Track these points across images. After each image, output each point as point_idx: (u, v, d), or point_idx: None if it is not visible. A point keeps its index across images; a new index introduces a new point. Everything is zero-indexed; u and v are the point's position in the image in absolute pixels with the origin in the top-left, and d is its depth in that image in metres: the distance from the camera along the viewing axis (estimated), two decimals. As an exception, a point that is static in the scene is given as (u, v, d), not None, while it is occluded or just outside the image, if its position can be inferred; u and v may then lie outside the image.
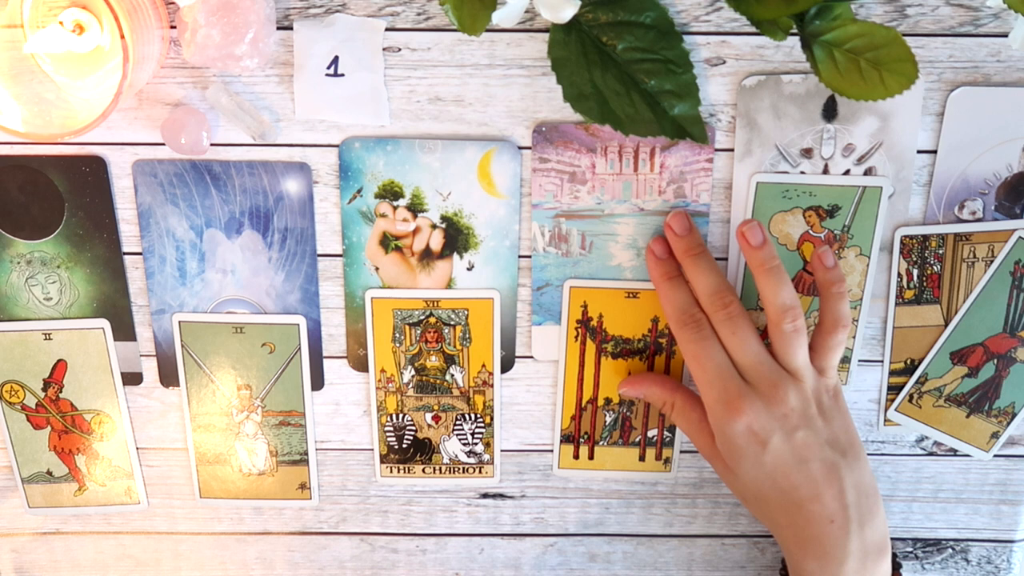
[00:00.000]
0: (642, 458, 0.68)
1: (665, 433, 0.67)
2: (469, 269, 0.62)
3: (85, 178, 0.59)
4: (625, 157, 0.59)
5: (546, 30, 0.55)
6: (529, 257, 0.62)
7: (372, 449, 0.67)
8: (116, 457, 0.67)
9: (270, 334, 0.63)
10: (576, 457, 0.68)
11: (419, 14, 0.56)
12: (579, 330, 0.64)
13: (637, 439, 0.67)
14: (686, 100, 0.55)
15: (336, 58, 0.56)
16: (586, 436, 0.67)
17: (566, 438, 0.67)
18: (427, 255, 0.61)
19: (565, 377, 0.65)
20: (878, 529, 0.58)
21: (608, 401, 0.66)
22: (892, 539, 0.71)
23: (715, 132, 0.58)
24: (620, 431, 0.67)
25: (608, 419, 0.66)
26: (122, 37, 0.48)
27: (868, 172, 0.59)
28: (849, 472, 0.57)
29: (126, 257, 0.62)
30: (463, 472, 0.68)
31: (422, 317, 0.63)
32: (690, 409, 0.61)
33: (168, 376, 0.65)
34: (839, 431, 0.58)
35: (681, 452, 0.67)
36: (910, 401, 0.66)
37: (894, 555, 0.63)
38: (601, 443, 0.67)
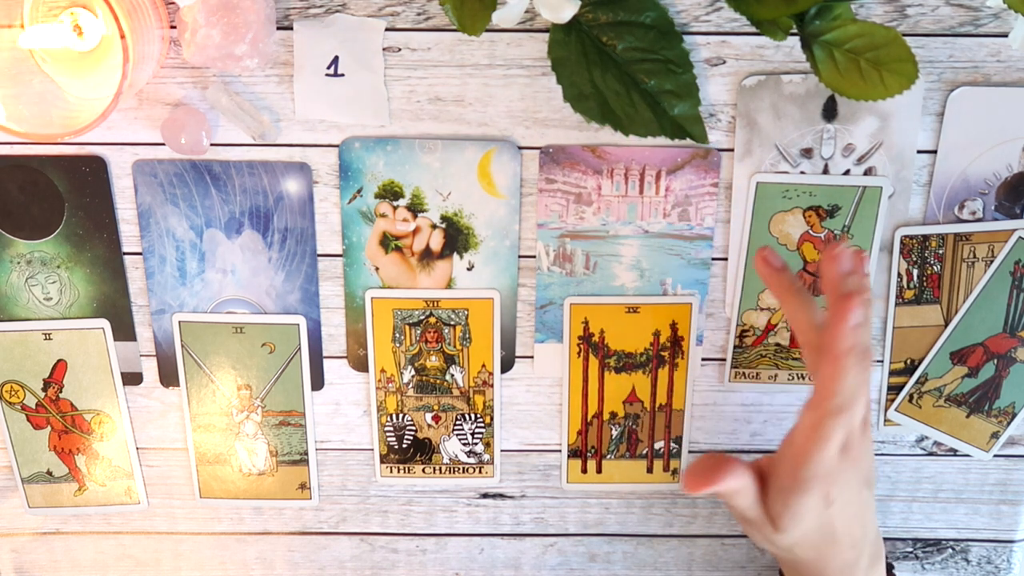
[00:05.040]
0: (650, 470, 0.68)
1: (672, 444, 0.67)
2: (469, 269, 0.62)
3: (85, 178, 0.59)
4: (631, 179, 0.59)
5: (546, 30, 0.55)
6: (530, 257, 0.62)
7: (372, 449, 0.67)
8: (116, 457, 0.67)
9: (270, 334, 0.63)
10: (584, 471, 0.68)
11: (419, 14, 0.56)
12: (581, 346, 0.64)
13: (644, 451, 0.67)
14: (686, 100, 0.55)
15: (336, 58, 0.56)
16: (593, 450, 0.67)
17: (573, 453, 0.67)
18: (427, 255, 0.61)
19: (569, 393, 0.65)
20: (877, 533, 0.58)
21: (613, 415, 0.66)
22: (892, 539, 0.71)
23: (720, 158, 0.59)
24: (627, 444, 0.67)
25: (614, 433, 0.66)
26: (122, 37, 0.48)
27: (868, 172, 0.59)
28: (872, 500, 0.56)
29: (126, 257, 0.62)
30: (463, 472, 0.68)
31: (422, 317, 0.63)
32: (756, 484, 0.54)
33: (168, 376, 0.65)
34: (869, 462, 0.55)
35: (690, 452, 0.67)
36: (910, 401, 0.66)
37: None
38: (608, 456, 0.67)
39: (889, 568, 0.64)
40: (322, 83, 0.57)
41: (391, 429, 0.66)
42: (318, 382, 0.65)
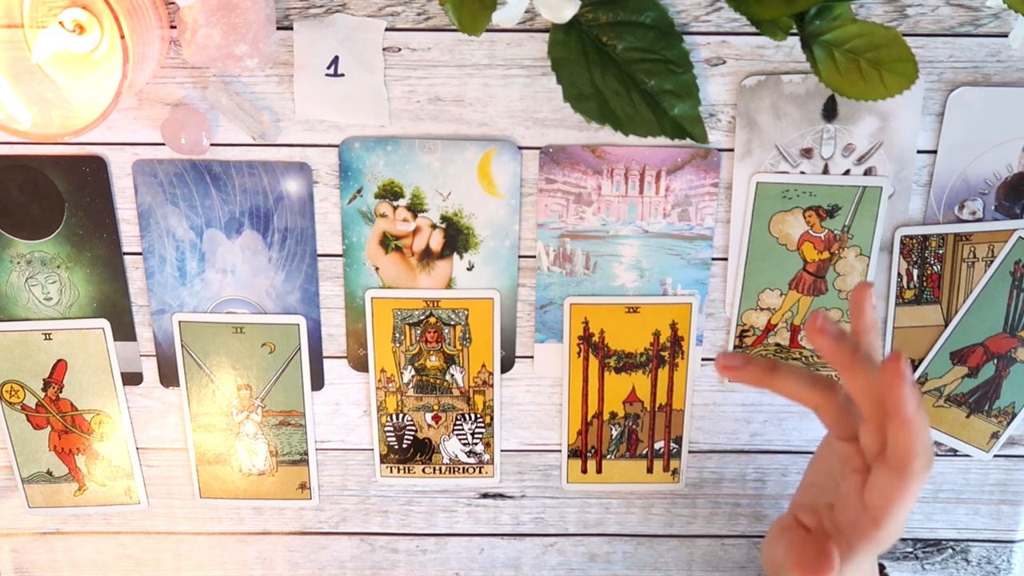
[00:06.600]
0: (650, 470, 0.68)
1: (672, 444, 0.67)
2: (469, 269, 0.62)
3: (85, 178, 0.59)
4: (631, 179, 0.59)
5: (546, 30, 0.55)
6: (530, 257, 0.62)
7: (372, 449, 0.67)
8: (116, 457, 0.67)
9: (270, 334, 0.63)
10: (584, 471, 0.68)
11: (419, 14, 0.56)
12: (581, 346, 0.64)
13: (644, 451, 0.67)
14: (686, 100, 0.55)
15: (336, 58, 0.56)
16: (593, 450, 0.67)
17: (573, 453, 0.67)
18: (427, 255, 0.61)
19: (569, 393, 0.65)
20: None
21: (613, 415, 0.66)
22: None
23: (720, 158, 0.59)
24: (627, 444, 0.67)
25: (614, 433, 0.66)
26: (122, 37, 0.48)
27: (868, 172, 0.59)
28: None
29: (126, 257, 0.62)
30: (463, 472, 0.68)
31: (422, 317, 0.63)
32: None
33: (168, 376, 0.65)
34: None
35: (690, 452, 0.67)
36: (910, 401, 0.66)
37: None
38: (608, 456, 0.67)
39: (881, 568, 0.64)
40: (322, 83, 0.57)
41: (391, 429, 0.66)
42: (318, 382, 0.65)
